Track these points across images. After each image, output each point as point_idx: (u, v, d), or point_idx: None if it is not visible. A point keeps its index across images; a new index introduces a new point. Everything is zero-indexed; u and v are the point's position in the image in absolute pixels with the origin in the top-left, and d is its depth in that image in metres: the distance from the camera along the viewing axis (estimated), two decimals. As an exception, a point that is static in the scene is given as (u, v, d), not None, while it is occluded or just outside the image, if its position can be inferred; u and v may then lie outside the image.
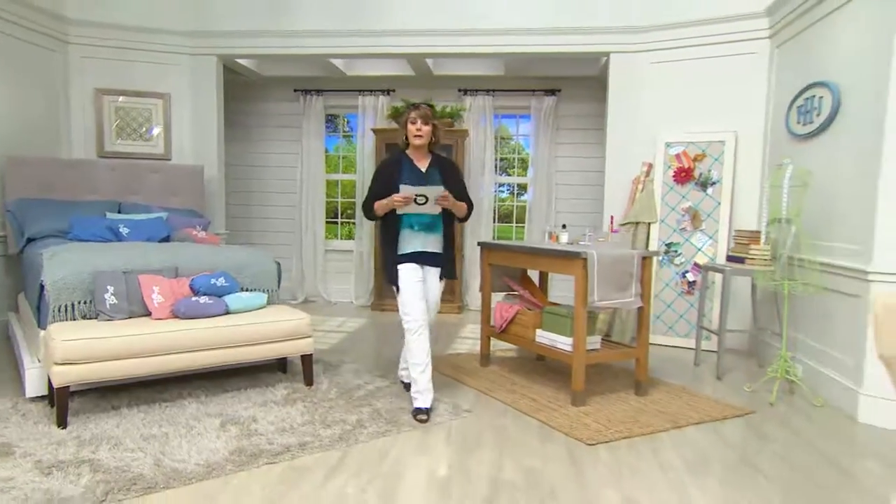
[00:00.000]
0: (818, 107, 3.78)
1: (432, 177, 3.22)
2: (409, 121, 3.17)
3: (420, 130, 3.15)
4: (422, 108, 3.20)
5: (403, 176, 3.16)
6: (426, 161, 3.27)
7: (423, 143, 3.18)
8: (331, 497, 2.31)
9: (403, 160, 3.25)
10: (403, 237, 3.19)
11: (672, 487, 2.44)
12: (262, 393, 3.49)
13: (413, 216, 3.15)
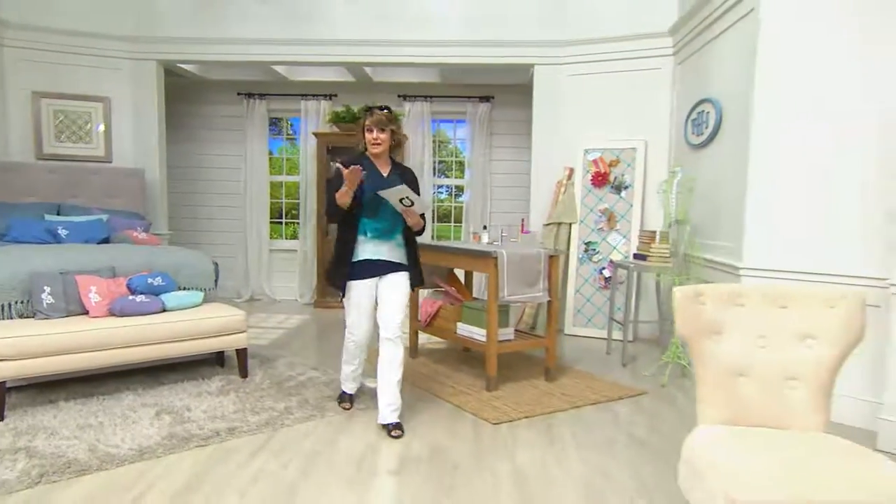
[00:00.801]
0: (706, 121, 4.22)
1: (393, 182, 2.97)
2: (366, 129, 2.98)
3: (377, 139, 2.95)
4: (376, 113, 2.95)
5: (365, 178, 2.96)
6: (387, 168, 3.08)
7: (381, 151, 3.00)
8: (253, 472, 2.58)
9: (365, 162, 3.00)
10: (360, 244, 3.03)
11: (557, 459, 2.80)
12: (198, 385, 3.71)
13: (370, 222, 3.00)
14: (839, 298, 1.81)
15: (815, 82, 3.32)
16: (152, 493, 2.38)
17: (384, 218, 3.01)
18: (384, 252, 3.04)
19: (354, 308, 3.04)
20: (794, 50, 3.39)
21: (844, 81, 3.23)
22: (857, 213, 3.19)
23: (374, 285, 3.05)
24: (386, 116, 2.96)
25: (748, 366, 1.84)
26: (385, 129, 2.96)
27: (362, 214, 2.99)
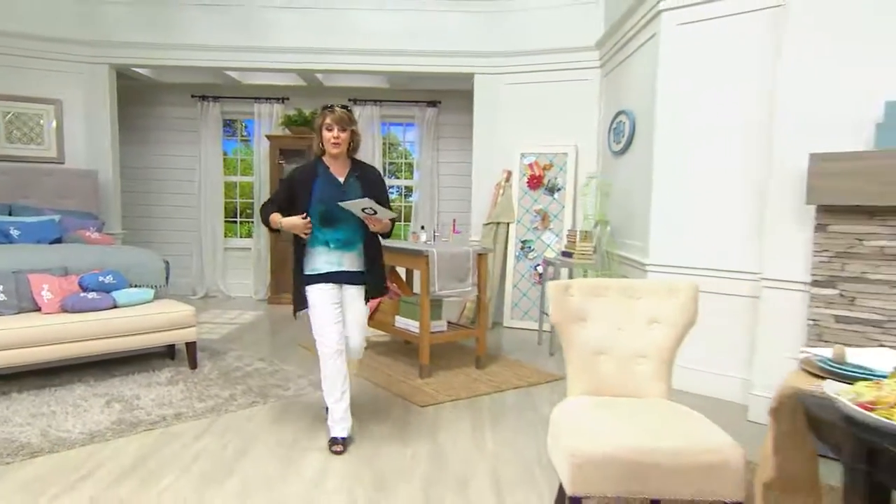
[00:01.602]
0: (623, 131, 4.63)
1: (351, 188, 2.84)
2: (325, 127, 2.77)
3: (338, 138, 2.75)
4: (338, 111, 2.77)
5: (318, 186, 2.81)
6: (345, 169, 2.89)
7: (340, 151, 2.80)
8: (195, 452, 2.86)
9: (319, 168, 2.86)
10: (317, 255, 2.87)
11: (473, 436, 3.15)
12: (149, 376, 3.94)
13: (330, 232, 2.84)
14: (677, 289, 2.19)
15: (704, 103, 3.74)
16: (100, 471, 2.64)
17: (344, 228, 2.85)
18: (345, 263, 2.89)
19: (318, 310, 2.83)
20: (686, 73, 3.80)
21: (727, 104, 3.64)
22: (741, 219, 3.61)
23: (337, 291, 2.88)
24: (347, 115, 2.79)
25: (607, 346, 2.21)
26: (346, 128, 2.78)
27: (319, 224, 2.81)
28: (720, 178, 3.70)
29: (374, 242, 2.97)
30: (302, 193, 2.82)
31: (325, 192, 2.81)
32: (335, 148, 2.79)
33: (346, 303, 2.93)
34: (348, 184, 2.87)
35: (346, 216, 2.80)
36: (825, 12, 3.03)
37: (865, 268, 2.90)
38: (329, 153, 2.83)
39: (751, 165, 3.54)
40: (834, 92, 3.01)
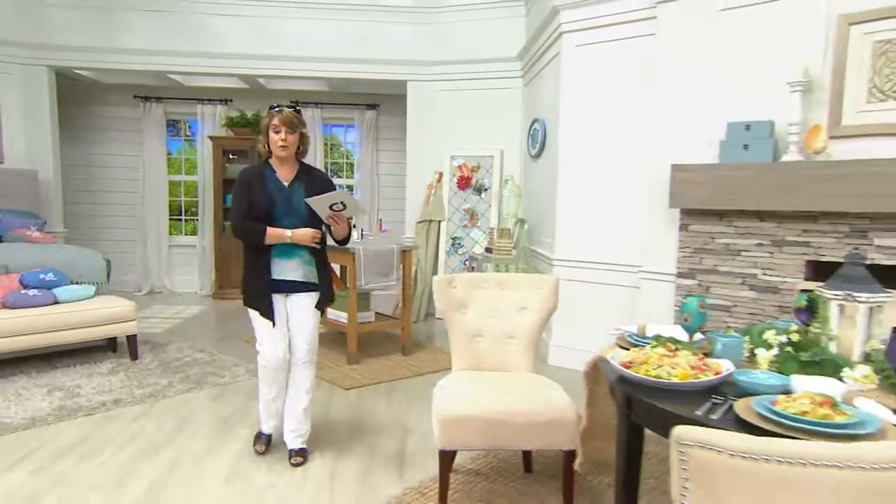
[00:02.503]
0: (538, 137, 5.08)
1: (295, 193, 2.70)
2: (272, 128, 2.63)
3: (285, 141, 2.62)
4: (286, 112, 2.63)
5: (265, 191, 2.68)
6: (291, 172, 2.74)
7: (288, 154, 2.66)
8: (132, 433, 3.16)
9: (265, 172, 2.71)
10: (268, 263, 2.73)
11: (388, 409, 3.55)
12: (90, 367, 4.19)
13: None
14: (542, 282, 2.63)
15: (598, 117, 4.21)
16: (41, 451, 2.92)
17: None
18: (289, 271, 2.73)
19: (262, 323, 2.74)
20: (583, 90, 4.26)
21: (616, 119, 4.12)
22: (627, 220, 4.09)
23: (283, 301, 2.76)
24: (296, 117, 2.66)
25: (483, 329, 2.63)
26: (295, 130, 2.65)
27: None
28: (611, 183, 4.18)
29: (321, 249, 2.82)
30: (260, 198, 2.65)
31: (269, 196, 2.69)
32: (283, 151, 2.64)
33: (296, 310, 2.78)
34: (293, 188, 2.71)
35: (291, 223, 2.66)
36: (685, 44, 3.52)
37: (717, 261, 3.41)
38: (276, 156, 2.68)
39: (635, 173, 4.03)
40: (693, 112, 3.51)
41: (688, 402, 1.54)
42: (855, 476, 0.84)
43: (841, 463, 0.84)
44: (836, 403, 1.37)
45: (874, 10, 2.87)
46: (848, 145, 2.99)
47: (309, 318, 2.79)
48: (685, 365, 1.64)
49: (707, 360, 1.71)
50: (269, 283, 2.71)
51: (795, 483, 0.86)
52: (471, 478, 2.67)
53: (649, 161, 3.74)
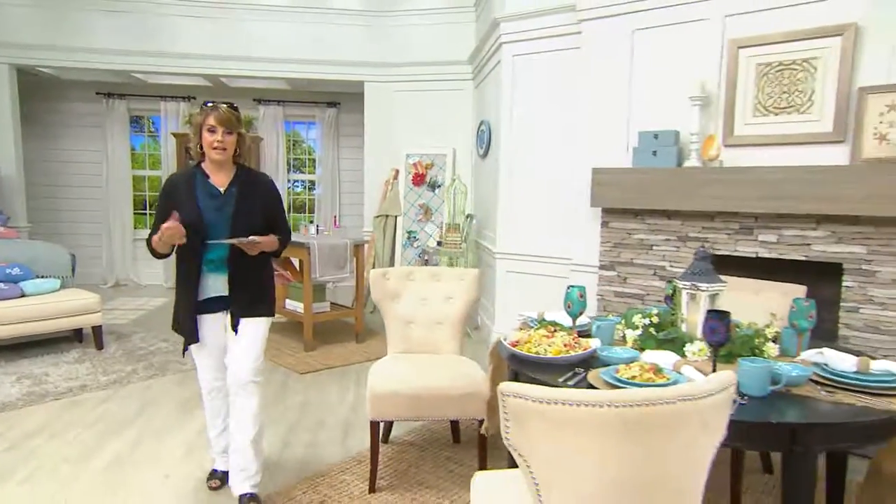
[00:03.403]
0: (485, 137, 5.44)
1: (228, 198, 2.37)
2: (207, 128, 2.29)
3: (222, 142, 2.29)
4: (223, 110, 2.29)
5: (194, 199, 2.33)
6: (227, 177, 2.40)
7: (224, 158, 2.34)
8: (98, 415, 3.44)
9: (196, 177, 2.38)
10: (201, 279, 2.39)
11: (335, 394, 3.88)
12: (57, 357, 4.43)
13: (211, 250, 2.36)
14: (466, 274, 2.99)
15: (534, 122, 4.58)
16: (13, 431, 3.19)
17: (218, 248, 2.36)
18: (221, 287, 2.42)
19: (200, 349, 2.49)
20: (521, 96, 4.62)
21: (549, 124, 4.49)
22: (559, 216, 4.47)
23: (221, 322, 2.47)
24: (234, 115, 2.33)
25: (415, 316, 2.98)
26: (233, 130, 2.32)
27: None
28: (546, 183, 4.55)
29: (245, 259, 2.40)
30: (188, 208, 2.28)
31: (202, 203, 2.34)
32: (218, 154, 2.31)
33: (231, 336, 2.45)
34: (229, 194, 2.38)
35: (218, 233, 2.34)
36: (604, 58, 3.90)
37: (632, 255, 3.82)
38: (210, 159, 2.35)
39: (565, 174, 4.39)
40: (612, 121, 3.90)
41: (557, 372, 1.90)
42: (614, 412, 1.20)
43: (603, 403, 1.20)
44: (659, 369, 1.75)
45: (757, 37, 3.28)
46: (738, 153, 3.40)
47: (250, 338, 2.42)
48: (560, 343, 2.01)
49: (580, 340, 2.08)
50: (194, 304, 2.39)
51: (575, 419, 1.21)
52: (405, 447, 3.02)
53: (575, 164, 4.12)
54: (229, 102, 2.37)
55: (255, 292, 2.49)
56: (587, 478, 1.25)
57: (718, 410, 1.29)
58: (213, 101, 2.37)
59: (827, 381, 1.79)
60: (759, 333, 2.00)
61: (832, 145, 3.12)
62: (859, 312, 3.06)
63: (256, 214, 2.42)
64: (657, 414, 1.22)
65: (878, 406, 1.62)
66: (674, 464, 1.27)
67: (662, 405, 1.21)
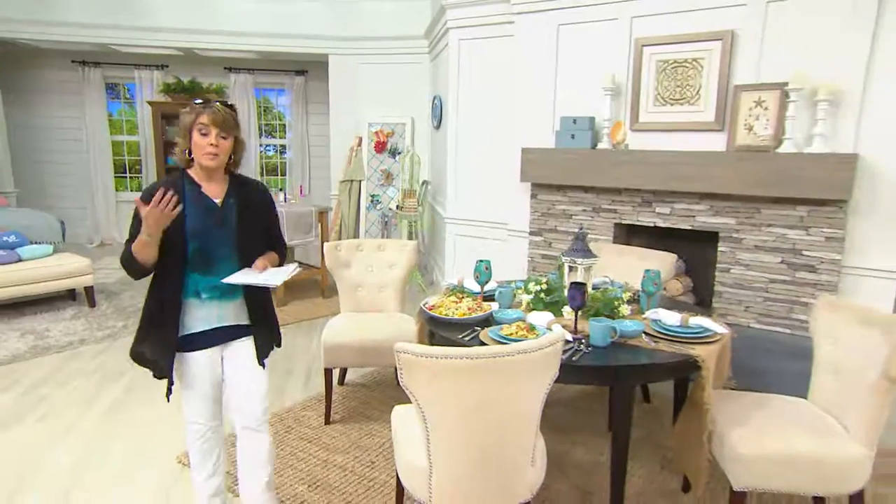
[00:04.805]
0: (437, 111, 5.79)
1: (228, 212, 1.99)
2: (198, 128, 1.88)
3: (216, 146, 1.89)
4: (216, 108, 1.89)
5: (187, 210, 1.92)
6: (222, 187, 2.01)
7: (217, 165, 1.93)
8: (96, 365, 3.89)
9: (186, 186, 1.95)
10: (187, 311, 1.97)
11: (301, 344, 4.38)
12: (55, 314, 4.84)
13: (201, 278, 1.96)
14: (406, 245, 3.45)
15: (479, 101, 4.95)
16: (24, 380, 3.63)
17: (222, 270, 1.96)
18: (229, 316, 2.03)
19: (189, 390, 2.05)
20: (467, 76, 4.98)
21: (492, 103, 4.87)
22: (499, 186, 4.91)
23: (217, 356, 2.05)
24: (231, 116, 1.93)
25: (363, 282, 3.45)
26: (229, 134, 1.92)
27: (188, 267, 1.94)
28: (488, 157, 4.97)
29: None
30: (171, 228, 1.85)
31: (198, 222, 1.94)
32: (211, 160, 1.90)
33: (239, 360, 2.06)
34: (226, 207, 1.99)
35: (225, 254, 1.98)
36: (534, 48, 4.26)
37: (556, 223, 4.31)
38: (202, 165, 1.93)
39: (502, 151, 4.81)
40: (540, 105, 4.30)
41: (460, 331, 2.40)
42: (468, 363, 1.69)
43: (462, 357, 1.69)
44: (533, 328, 2.25)
45: (657, 37, 3.68)
46: (643, 137, 3.86)
47: (260, 373, 2.08)
48: (465, 307, 2.51)
49: (482, 304, 2.58)
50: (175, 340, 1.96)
51: (443, 368, 1.70)
52: (357, 388, 3.56)
53: (510, 142, 4.54)
54: (224, 101, 1.94)
55: (272, 318, 2.18)
56: (453, 406, 1.76)
57: (547, 360, 1.80)
58: (206, 97, 1.96)
59: (657, 333, 2.31)
60: (616, 298, 2.51)
61: (714, 133, 3.59)
62: (730, 272, 3.62)
63: (259, 229, 2.06)
64: (498, 364, 1.71)
65: (683, 351, 2.15)
66: (513, 396, 1.78)
67: (503, 357, 1.71)
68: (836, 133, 3.22)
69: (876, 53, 3.11)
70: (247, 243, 2.01)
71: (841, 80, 3.17)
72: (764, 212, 3.45)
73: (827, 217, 3.26)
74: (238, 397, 2.08)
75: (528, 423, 1.85)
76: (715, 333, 2.29)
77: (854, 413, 2.01)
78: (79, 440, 2.92)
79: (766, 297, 3.52)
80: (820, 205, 3.27)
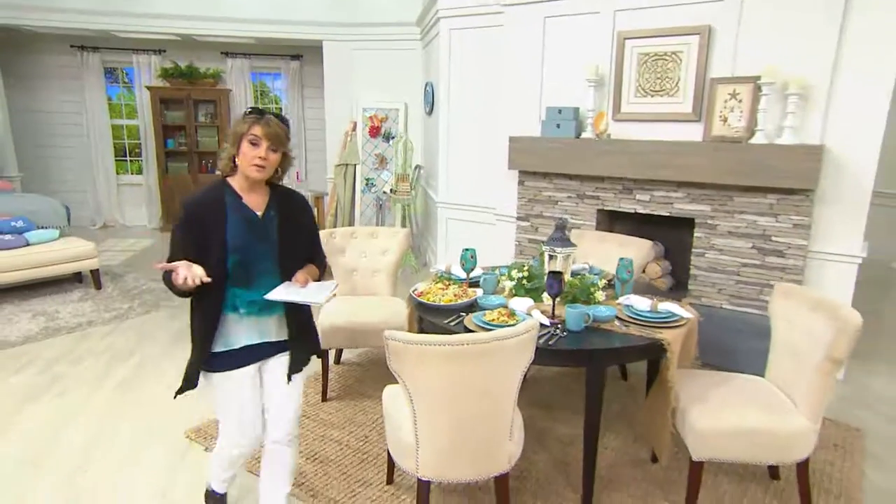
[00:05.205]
0: (429, 97, 5.86)
1: (270, 225, 1.95)
2: (248, 139, 1.85)
3: (265, 160, 1.86)
4: (272, 123, 1.87)
5: (229, 225, 1.88)
6: (262, 198, 1.97)
7: (262, 177, 1.90)
8: (106, 345, 4.03)
9: (227, 197, 1.91)
10: (227, 326, 1.95)
11: (302, 323, 4.52)
12: (63, 296, 4.96)
13: (242, 292, 1.93)
14: (397, 233, 3.58)
15: (470, 89, 5.02)
16: (38, 360, 3.78)
17: (263, 285, 1.93)
18: (270, 331, 2.02)
19: (235, 406, 1.98)
20: (458, 66, 5.04)
21: (483, 92, 4.95)
22: (489, 173, 5.01)
23: (256, 371, 2.02)
24: (284, 131, 1.91)
25: (357, 267, 3.58)
26: (279, 148, 1.89)
27: (229, 281, 1.90)
28: (476, 144, 5.07)
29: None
30: (212, 239, 1.85)
31: (238, 234, 1.89)
32: (258, 171, 1.86)
33: (277, 375, 2.04)
34: (267, 220, 1.95)
35: (266, 268, 1.94)
36: (522, 40, 4.33)
37: (542, 208, 4.43)
38: (246, 175, 1.89)
39: (490, 138, 4.90)
40: (527, 95, 4.38)
41: (446, 316, 2.53)
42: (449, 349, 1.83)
43: (444, 344, 1.83)
44: (513, 313, 2.39)
45: (639, 30, 3.76)
46: (624, 126, 3.96)
47: (296, 387, 2.07)
48: (451, 294, 2.64)
49: (468, 290, 2.72)
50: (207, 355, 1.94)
51: (427, 354, 1.84)
52: (352, 367, 3.71)
53: (498, 131, 4.63)
54: (278, 113, 1.91)
55: (313, 332, 2.16)
56: (437, 387, 1.91)
57: (522, 346, 1.94)
58: (260, 108, 1.93)
59: (628, 318, 2.46)
60: (592, 284, 2.65)
61: (691, 123, 3.70)
62: (705, 256, 3.76)
63: (300, 242, 2.03)
64: (478, 350, 1.86)
65: (651, 335, 2.30)
66: (491, 378, 1.93)
67: (481, 344, 1.85)
68: (804, 125, 3.33)
69: (843, 48, 3.21)
70: (288, 257, 1.97)
71: (810, 75, 3.27)
72: (736, 199, 3.58)
73: (795, 205, 3.40)
74: (272, 412, 2.03)
75: (505, 401, 2.01)
76: (681, 318, 2.44)
77: (802, 390, 2.18)
78: (92, 417, 3.07)
79: (737, 280, 3.67)
80: (788, 193, 3.40)
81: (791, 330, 2.32)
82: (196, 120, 7.69)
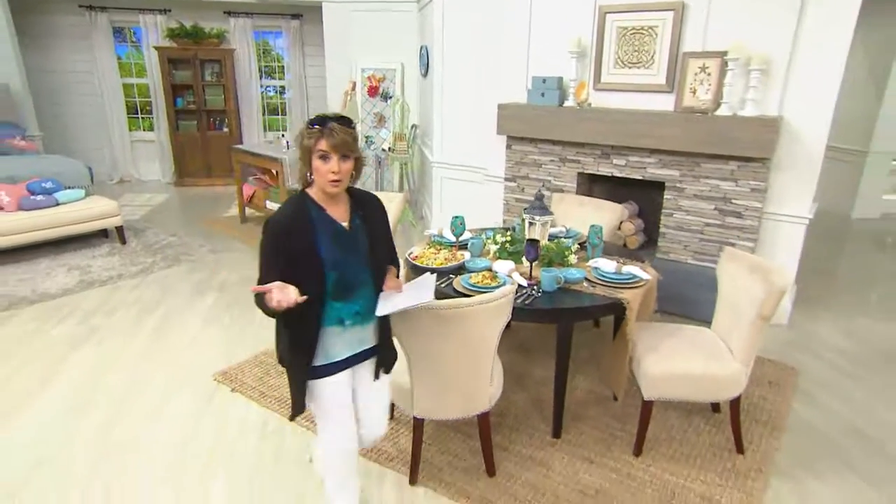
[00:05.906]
0: (424, 59, 5.87)
1: (358, 233, 1.83)
2: (317, 154, 1.68)
3: (338, 173, 1.69)
4: (337, 132, 1.66)
5: (321, 243, 1.74)
6: (345, 207, 1.83)
7: (342, 189, 1.76)
8: (135, 297, 4.29)
9: (312, 212, 1.76)
10: (328, 339, 1.84)
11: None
12: (92, 251, 5.18)
13: (343, 306, 1.82)
14: (394, 198, 3.75)
15: (463, 53, 5.05)
16: (77, 311, 4.04)
17: (363, 295, 1.86)
18: (368, 339, 1.95)
19: (336, 409, 1.94)
20: (452, 30, 5.05)
21: (475, 57, 4.98)
22: (480, 134, 5.13)
23: (351, 374, 1.95)
24: (351, 136, 1.71)
25: (359, 228, 3.79)
26: (350, 155, 1.72)
27: (328, 297, 1.79)
28: (469, 108, 5.15)
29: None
30: (305, 257, 1.73)
31: (332, 249, 1.77)
32: (335, 187, 1.72)
33: (365, 386, 2.02)
34: (355, 229, 1.84)
35: (364, 279, 1.86)
36: (511, 10, 4.34)
37: (528, 171, 4.59)
38: (326, 192, 1.75)
39: (481, 103, 4.98)
40: (515, 64, 4.44)
41: (437, 279, 2.76)
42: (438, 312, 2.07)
43: (433, 307, 2.06)
44: (495, 276, 2.62)
45: (618, 5, 3.80)
46: (604, 95, 4.07)
47: (386, 392, 2.10)
48: (442, 258, 2.86)
49: (457, 254, 2.93)
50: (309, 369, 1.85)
51: (423, 316, 2.09)
52: (357, 315, 3.98)
53: (488, 96, 4.71)
54: (340, 115, 1.72)
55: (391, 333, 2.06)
56: (428, 342, 2.16)
57: (500, 308, 2.18)
58: (323, 116, 1.70)
59: (596, 279, 2.69)
60: (566, 248, 2.87)
61: (664, 94, 3.81)
62: (673, 217, 3.97)
63: (384, 246, 1.96)
64: (462, 313, 2.09)
65: (614, 295, 2.54)
66: (474, 335, 2.18)
67: (465, 308, 2.09)
68: (765, 98, 3.46)
69: (802, 24, 3.29)
70: (377, 263, 1.89)
71: (771, 50, 3.37)
72: (703, 166, 3.74)
73: (753, 171, 3.57)
74: (363, 413, 2.03)
75: (485, 353, 2.27)
76: (641, 279, 2.67)
77: (737, 340, 2.44)
78: (129, 363, 3.36)
79: (701, 238, 3.89)
80: (748, 161, 3.56)
81: (734, 289, 2.56)
82: (203, 79, 7.67)
